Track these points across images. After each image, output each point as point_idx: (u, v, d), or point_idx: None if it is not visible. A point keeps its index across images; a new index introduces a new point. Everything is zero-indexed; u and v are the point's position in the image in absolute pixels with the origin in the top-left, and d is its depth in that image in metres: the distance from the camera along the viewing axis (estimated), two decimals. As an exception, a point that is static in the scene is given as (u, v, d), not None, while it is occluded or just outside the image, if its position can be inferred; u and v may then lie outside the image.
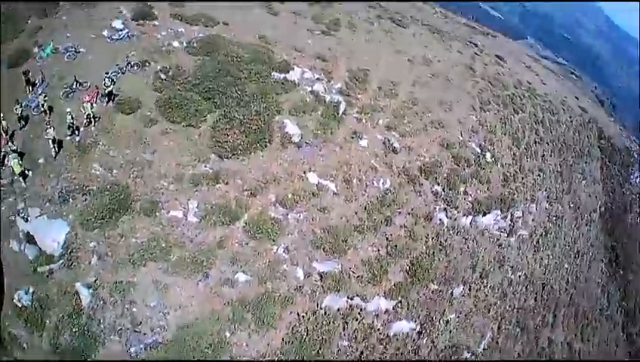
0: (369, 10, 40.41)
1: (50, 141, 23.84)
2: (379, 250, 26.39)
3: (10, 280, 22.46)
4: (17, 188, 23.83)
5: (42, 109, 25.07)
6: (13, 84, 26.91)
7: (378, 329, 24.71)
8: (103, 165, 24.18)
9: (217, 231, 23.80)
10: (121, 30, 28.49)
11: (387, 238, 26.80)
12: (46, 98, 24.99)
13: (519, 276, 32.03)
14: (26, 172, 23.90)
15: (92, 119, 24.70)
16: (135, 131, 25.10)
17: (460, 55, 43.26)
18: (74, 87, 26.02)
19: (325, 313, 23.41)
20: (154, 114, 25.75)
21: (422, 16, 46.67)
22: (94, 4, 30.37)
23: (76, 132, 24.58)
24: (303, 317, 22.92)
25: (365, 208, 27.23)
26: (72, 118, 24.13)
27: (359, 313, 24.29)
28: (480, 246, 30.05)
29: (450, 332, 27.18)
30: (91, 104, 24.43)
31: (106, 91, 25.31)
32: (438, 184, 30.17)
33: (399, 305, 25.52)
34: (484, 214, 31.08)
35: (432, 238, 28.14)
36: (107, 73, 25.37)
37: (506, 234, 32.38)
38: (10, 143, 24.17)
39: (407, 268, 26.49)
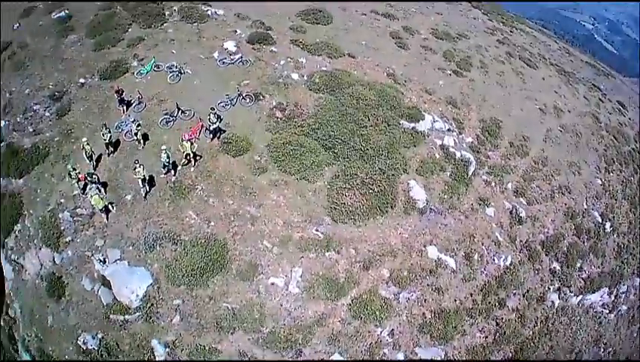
0: (498, 46, 34.52)
1: (140, 181, 19.14)
2: (487, 337, 21.82)
3: (77, 319, 18.83)
4: (97, 222, 19.49)
5: (135, 137, 20.33)
6: (104, 100, 22.42)
7: None
8: (199, 214, 19.42)
9: (320, 306, 19.02)
10: (233, 53, 23.63)
11: (497, 323, 22.13)
12: (139, 126, 20.14)
13: (609, 351, 26.60)
14: (110, 207, 19.40)
15: (192, 158, 19.83)
16: (241, 179, 19.95)
17: (587, 102, 36.38)
18: (175, 114, 21.24)
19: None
20: (264, 159, 20.54)
21: (545, 51, 40.40)
22: (205, 19, 25.54)
23: (172, 171, 19.86)
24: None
25: (482, 289, 22.00)
26: (169, 156, 19.39)
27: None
28: (582, 328, 24.79)
29: None
30: (192, 142, 19.52)
31: (212, 128, 20.42)
32: (557, 260, 24.94)
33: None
34: (594, 292, 25.87)
35: (541, 322, 23.48)
36: (213, 109, 20.16)
37: (607, 311, 26.75)
38: (93, 172, 19.50)
39: (510, 355, 22.03)
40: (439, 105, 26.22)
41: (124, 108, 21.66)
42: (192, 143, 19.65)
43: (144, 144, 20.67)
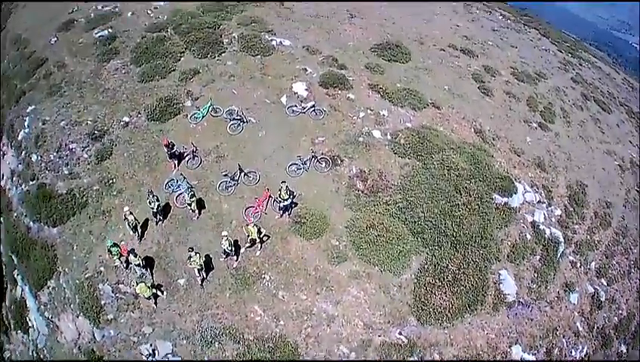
0: (574, 86, 28.58)
1: (197, 270, 14.71)
2: None
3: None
4: (144, 305, 15.30)
5: (189, 206, 15.50)
6: (151, 147, 17.49)
7: None
8: (266, 309, 15.04)
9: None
10: (304, 99, 18.58)
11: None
12: (194, 196, 15.27)
13: None
14: (158, 293, 14.99)
15: (258, 241, 15.04)
16: (316, 268, 15.39)
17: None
18: (236, 177, 16.46)
19: None
20: (344, 244, 15.85)
21: (613, 87, 34.44)
22: (269, 51, 20.22)
23: (233, 254, 15.19)
24: None
25: (557, 385, 18.51)
26: (231, 244, 14.67)
27: None
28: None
29: None
30: (259, 228, 14.58)
31: (282, 204, 15.61)
32: (625, 342, 20.46)
33: None
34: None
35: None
36: (284, 182, 15.07)
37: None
38: (138, 256, 14.68)
39: None
40: (528, 169, 20.96)
41: (176, 162, 16.89)
42: (259, 229, 14.80)
43: (199, 213, 15.98)
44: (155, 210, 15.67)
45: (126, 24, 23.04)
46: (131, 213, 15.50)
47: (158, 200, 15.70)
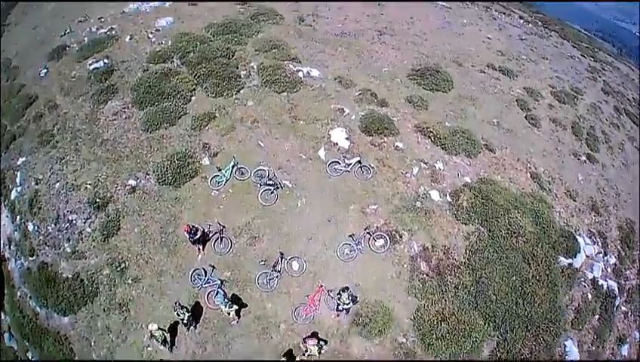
0: (607, 99, 23.43)
1: None
2: None
3: None
4: None
5: (226, 310, 11.27)
6: (167, 220, 13.00)
7: None
8: None
9: None
10: (346, 152, 13.79)
11: None
12: (230, 304, 11.17)
13: None
14: None
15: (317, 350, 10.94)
16: (382, 377, 11.96)
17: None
18: (278, 267, 12.03)
19: None
20: (411, 340, 11.82)
21: (634, 88, 30.52)
22: (296, 86, 15.55)
23: None
24: None
25: None
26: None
27: None
28: None
29: None
30: (321, 346, 10.74)
31: (341, 307, 11.40)
32: None
33: None
34: None
35: None
36: (348, 288, 11.22)
37: None
38: None
39: None
40: (585, 215, 16.73)
41: (200, 246, 12.28)
42: (321, 346, 10.71)
43: (239, 316, 11.60)
44: (185, 321, 11.23)
45: (124, 52, 17.49)
46: (159, 329, 11.03)
47: (188, 311, 11.28)
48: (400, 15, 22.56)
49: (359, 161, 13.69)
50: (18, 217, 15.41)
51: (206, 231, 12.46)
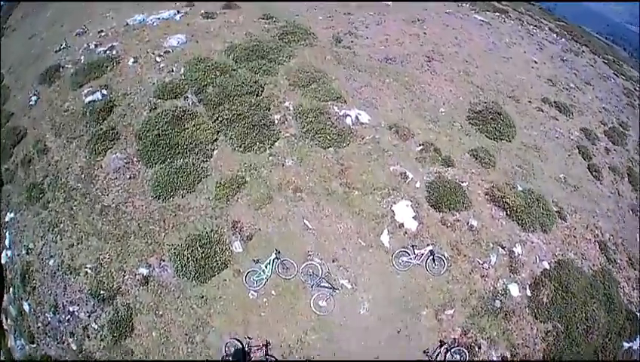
0: None
1: None
2: None
3: None
4: None
5: None
6: (194, 325, 9.27)
7: None
8: None
9: None
10: (414, 235, 9.95)
11: None
12: None
13: None
14: None
15: None
16: None
17: None
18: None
19: None
20: None
21: None
22: (344, 137, 11.40)
23: None
24: None
25: None
26: None
27: None
28: None
29: None
30: None
31: None
32: None
33: None
34: None
35: None
36: None
37: None
38: None
39: None
40: None
41: None
42: None
43: None
44: None
45: (126, 81, 12.63)
46: None
47: None
48: (443, 34, 17.56)
49: (431, 251, 9.79)
50: (11, 289, 11.31)
51: (246, 350, 8.66)
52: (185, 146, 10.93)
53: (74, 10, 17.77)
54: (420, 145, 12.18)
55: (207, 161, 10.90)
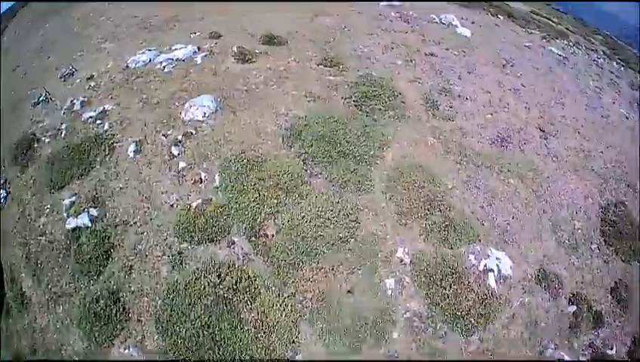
0: None
1: None
2: None
3: None
4: None
5: None
6: None
7: None
8: None
9: None
10: None
11: None
12: None
13: None
14: None
15: None
16: None
17: None
18: None
19: None
20: None
21: None
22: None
23: None
24: None
25: None
26: None
27: None
28: None
29: None
30: None
31: None
32: None
33: None
34: None
35: None
36: None
37: None
38: None
39: None
40: None
41: None
42: None
43: None
44: None
45: (126, 192, 6.53)
46: None
47: None
48: (541, 86, 11.58)
49: None
50: None
51: None
52: (244, 345, 5.62)
53: (67, 32, 10.67)
54: (570, 300, 7.36)
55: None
